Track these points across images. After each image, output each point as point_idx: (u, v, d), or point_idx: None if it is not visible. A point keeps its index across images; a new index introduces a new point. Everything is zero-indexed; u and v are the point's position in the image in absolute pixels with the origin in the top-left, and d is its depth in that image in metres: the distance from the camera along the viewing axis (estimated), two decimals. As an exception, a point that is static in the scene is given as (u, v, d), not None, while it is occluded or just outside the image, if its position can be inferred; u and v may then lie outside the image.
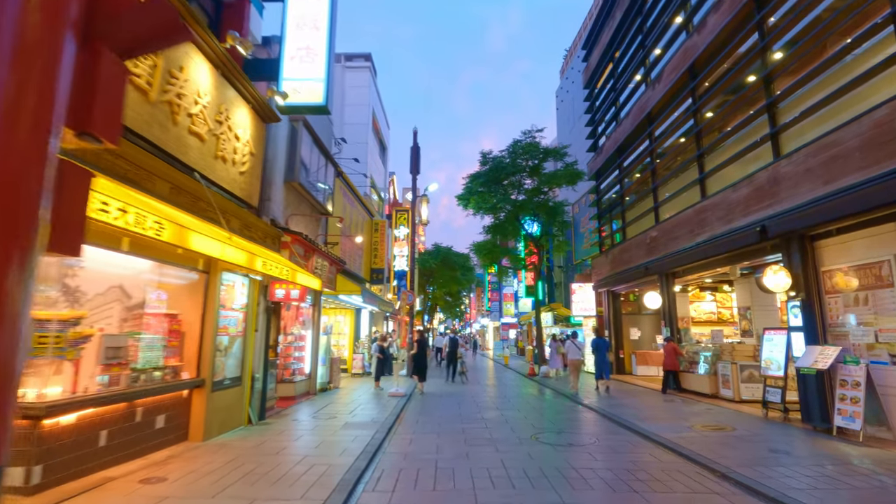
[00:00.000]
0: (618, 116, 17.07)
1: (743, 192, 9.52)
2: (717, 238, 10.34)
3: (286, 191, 9.91)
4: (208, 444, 6.59)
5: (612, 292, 18.17)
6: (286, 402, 10.39)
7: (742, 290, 13.60)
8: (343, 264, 12.51)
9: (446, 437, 7.44)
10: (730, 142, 10.62)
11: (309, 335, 12.11)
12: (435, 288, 36.58)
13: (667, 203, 13.34)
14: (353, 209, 16.45)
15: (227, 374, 7.39)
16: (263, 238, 8.00)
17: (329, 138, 13.19)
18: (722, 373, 10.89)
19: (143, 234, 3.61)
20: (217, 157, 6.45)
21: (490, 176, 18.44)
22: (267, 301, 8.75)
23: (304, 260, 9.90)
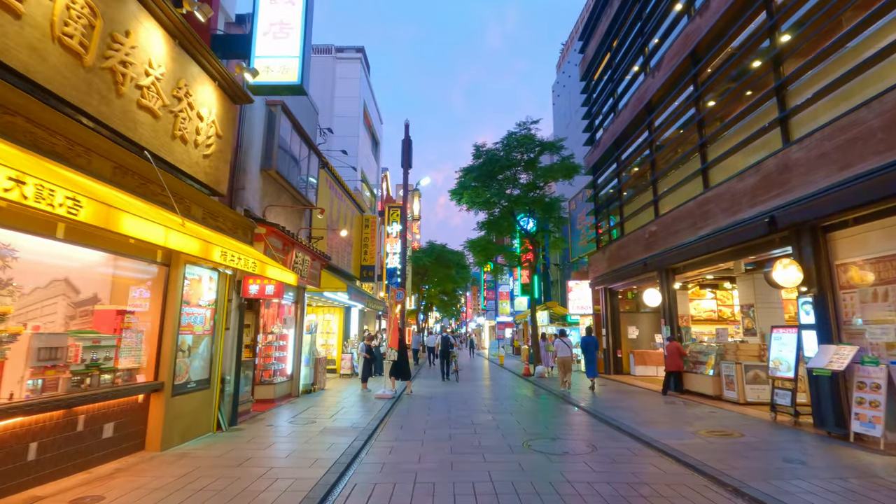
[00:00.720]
0: (616, 108, 16.50)
1: (749, 182, 8.95)
2: (720, 231, 9.77)
3: (263, 180, 9.29)
4: (167, 454, 5.97)
5: (610, 290, 17.61)
6: (265, 405, 9.77)
7: (745, 286, 13.05)
8: (328, 260, 11.89)
9: (431, 444, 6.84)
10: (734, 129, 10.05)
11: (291, 334, 11.49)
12: (430, 286, 35.99)
13: (667, 196, 12.77)
14: (342, 203, 15.82)
15: (191, 376, 6.77)
16: (234, 229, 7.38)
17: (313, 128, 12.57)
18: (726, 373, 10.33)
19: (49, 212, 2.99)
20: (175, 136, 5.82)
21: (484, 170, 17.83)
22: (240, 297, 8.13)
23: (282, 254, 9.28)
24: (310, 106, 12.29)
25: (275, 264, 7.19)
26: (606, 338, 17.48)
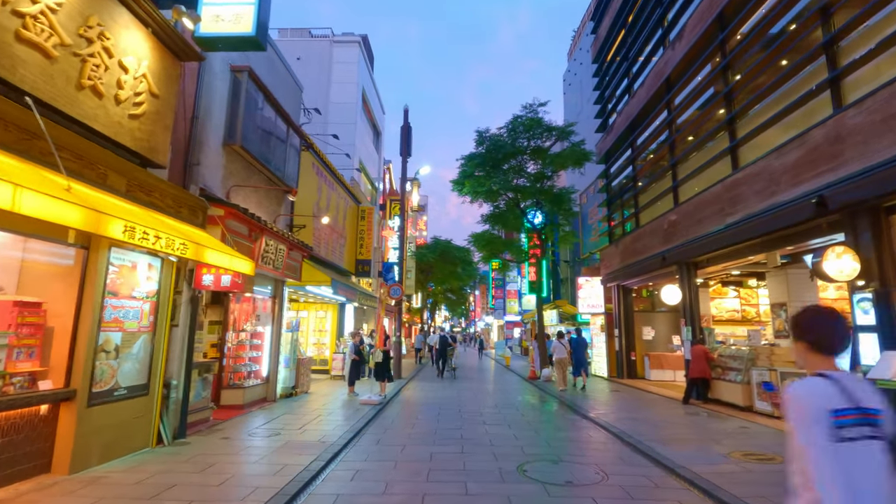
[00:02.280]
0: (630, 88, 15.14)
1: (791, 157, 7.61)
2: (754, 217, 8.44)
3: (227, 157, 8.17)
4: (75, 478, 4.86)
5: (623, 287, 16.27)
6: (231, 411, 8.67)
7: (776, 283, 11.66)
8: (309, 250, 10.76)
9: (406, 467, 5.66)
10: (770, 99, 8.70)
11: (268, 332, 10.38)
12: (435, 284, 34.81)
13: (689, 181, 11.42)
14: (332, 191, 14.69)
15: (120, 381, 5.66)
16: (176, 207, 6.25)
17: (296, 106, 11.45)
18: (758, 381, 9.00)
19: None
20: (83, 86, 4.70)
21: (487, 157, 16.54)
22: (192, 289, 7.02)
23: (248, 241, 8.15)
24: (291, 81, 11.17)
25: (222, 249, 6.04)
26: (619, 339, 16.15)
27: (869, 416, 1.59)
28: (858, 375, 1.44)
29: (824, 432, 1.55)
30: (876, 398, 1.64)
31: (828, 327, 1.73)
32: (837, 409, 1.57)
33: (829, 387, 1.62)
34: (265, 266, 8.71)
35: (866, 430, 1.57)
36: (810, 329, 1.75)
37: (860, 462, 1.54)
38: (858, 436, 1.56)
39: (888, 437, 1.58)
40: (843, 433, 1.55)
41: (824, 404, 1.59)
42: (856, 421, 1.57)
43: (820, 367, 1.73)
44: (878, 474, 1.53)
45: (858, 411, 1.59)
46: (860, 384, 1.66)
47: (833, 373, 1.68)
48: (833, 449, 1.53)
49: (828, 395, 1.61)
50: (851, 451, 1.54)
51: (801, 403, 1.62)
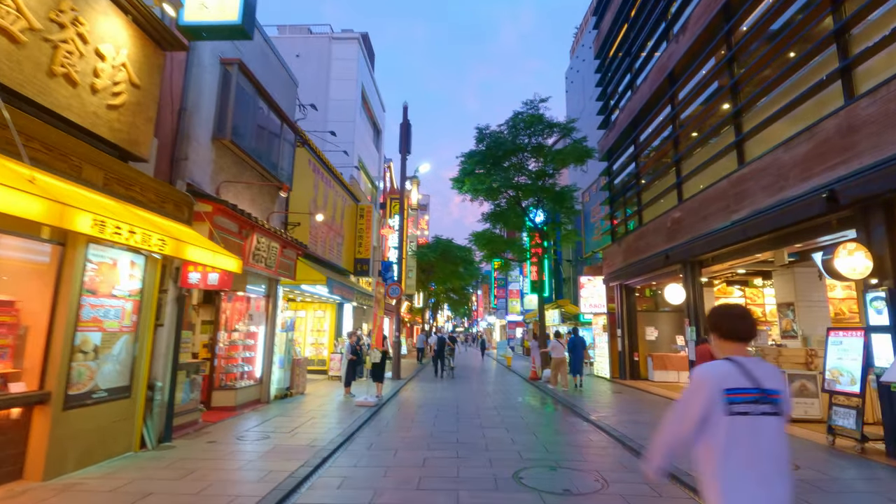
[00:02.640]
0: (633, 84, 14.85)
1: (801, 150, 7.32)
2: (760, 213, 8.15)
3: (217, 151, 7.95)
4: (49, 485, 4.63)
5: (626, 286, 15.99)
6: (222, 413, 8.45)
7: (783, 282, 11.36)
8: (303, 248, 10.53)
9: (397, 473, 5.41)
10: (777, 91, 8.41)
11: (262, 332, 10.16)
12: (435, 284, 34.56)
13: (693, 177, 11.14)
14: (330, 189, 14.47)
15: (99, 383, 5.44)
16: (159, 203, 6.02)
17: (291, 101, 11.22)
18: (764, 383, 8.70)
19: None
20: (54, 73, 4.47)
21: (488, 154, 16.29)
22: (179, 287, 6.79)
23: (238, 238, 7.93)
24: (286, 76, 10.94)
25: (206, 246, 5.81)
26: (622, 339, 15.87)
27: (768, 395, 1.83)
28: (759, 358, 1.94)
29: (720, 406, 1.82)
30: (777, 381, 1.88)
31: (735, 320, 1.99)
32: (731, 388, 1.83)
33: (731, 369, 1.87)
34: (257, 264, 8.49)
35: (763, 408, 1.82)
36: (721, 322, 2.02)
37: (753, 432, 1.79)
38: (752, 411, 1.80)
39: (784, 413, 1.85)
40: (734, 408, 1.80)
41: (721, 384, 1.84)
42: (749, 399, 1.81)
43: (730, 353, 1.97)
44: (770, 444, 1.79)
45: (757, 391, 1.83)
46: (764, 368, 1.89)
47: (740, 358, 1.91)
48: (728, 420, 1.80)
49: (725, 376, 1.86)
50: (744, 423, 1.79)
51: (705, 380, 1.88)
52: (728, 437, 1.82)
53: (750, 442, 1.80)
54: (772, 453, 1.81)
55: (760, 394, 1.85)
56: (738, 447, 1.80)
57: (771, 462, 1.81)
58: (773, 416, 1.84)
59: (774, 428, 1.83)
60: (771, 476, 1.80)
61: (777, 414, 1.85)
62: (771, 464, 1.80)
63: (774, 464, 1.81)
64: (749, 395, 1.84)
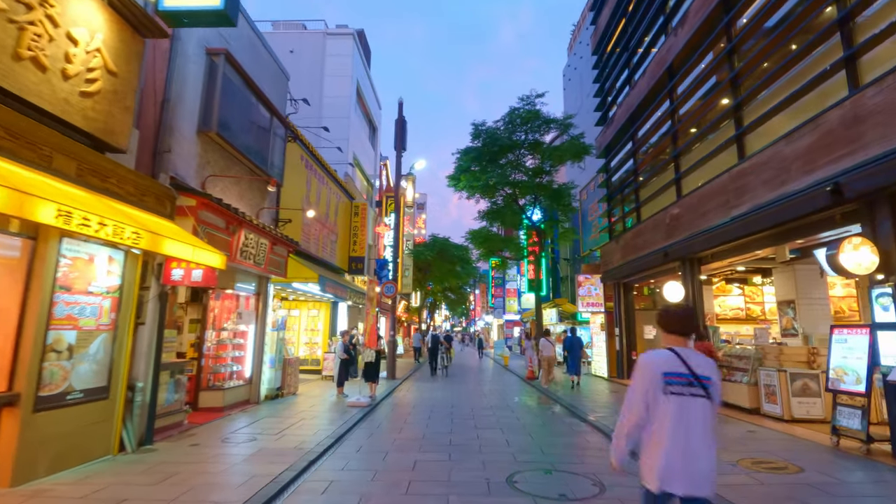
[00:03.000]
0: (631, 79, 14.65)
1: (803, 143, 7.11)
2: (761, 208, 7.95)
3: (203, 145, 7.71)
4: (17, 491, 4.40)
5: (624, 284, 15.79)
6: (210, 414, 8.21)
7: (784, 279, 11.17)
8: (295, 245, 10.30)
9: (385, 478, 5.18)
10: (779, 83, 8.20)
11: (251, 331, 9.92)
12: (433, 283, 34.33)
13: (691, 173, 10.93)
14: (323, 186, 14.23)
15: (74, 384, 5.20)
16: (139, 196, 5.79)
17: (282, 95, 10.98)
18: (766, 382, 8.51)
19: None
20: (20, 57, 4.23)
21: (484, 151, 16.06)
22: (161, 284, 6.55)
23: (225, 234, 7.69)
24: (276, 69, 10.70)
25: (187, 240, 5.58)
26: (620, 338, 15.67)
27: (700, 380, 2.22)
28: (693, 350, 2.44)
29: (659, 387, 2.21)
30: (709, 370, 2.26)
31: (677, 318, 2.37)
32: (668, 372, 2.22)
33: (670, 357, 2.26)
34: (244, 261, 8.25)
35: (694, 390, 2.20)
36: (666, 320, 2.41)
37: (684, 409, 2.18)
38: (685, 392, 2.19)
39: (713, 397, 2.23)
40: (670, 389, 2.20)
41: (660, 369, 2.23)
42: (683, 382, 2.20)
43: (672, 344, 2.35)
44: (698, 421, 2.18)
45: (690, 376, 2.21)
46: (699, 359, 2.28)
47: (679, 348, 2.31)
48: (663, 399, 2.20)
49: (665, 362, 2.25)
50: (677, 401, 2.19)
51: (647, 366, 2.27)
52: (663, 413, 2.23)
53: (681, 418, 2.21)
54: (699, 429, 2.21)
55: (693, 378, 2.25)
56: (670, 422, 2.21)
57: (698, 436, 2.21)
58: (703, 398, 2.25)
59: (702, 408, 2.24)
60: (697, 447, 2.20)
61: (706, 397, 2.25)
62: (698, 438, 2.20)
63: (701, 438, 2.21)
64: (683, 378, 2.25)
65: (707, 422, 2.22)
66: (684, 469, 2.17)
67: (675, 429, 2.19)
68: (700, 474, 2.18)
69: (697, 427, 2.20)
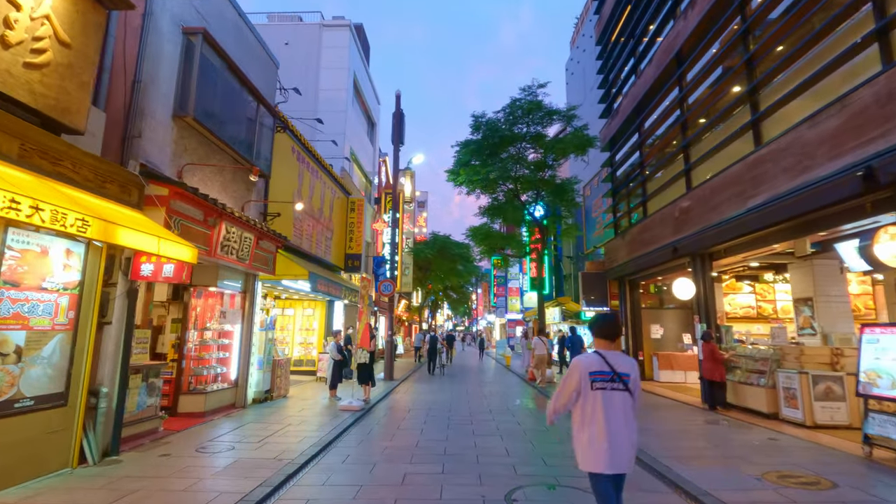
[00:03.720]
0: (637, 68, 14.07)
1: (830, 125, 6.54)
2: (781, 198, 7.37)
3: (180, 131, 7.17)
4: (-53, 513, 3.88)
5: (630, 282, 15.21)
6: (190, 420, 7.69)
7: (801, 275, 10.57)
8: (283, 240, 9.77)
9: (370, 493, 4.64)
10: (799, 63, 7.63)
11: (237, 330, 9.40)
12: (433, 282, 33.79)
13: (703, 163, 10.36)
14: (317, 180, 13.69)
15: (24, 390, 4.67)
16: (99, 181, 5.26)
17: (271, 84, 10.45)
18: (785, 385, 7.94)
19: None
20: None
21: (484, 144, 15.50)
22: (129, 280, 6.03)
23: (204, 227, 7.15)
24: (265, 56, 10.16)
25: (149, 230, 5.05)
26: (626, 337, 15.09)
27: (621, 377, 2.83)
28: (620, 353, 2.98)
29: (587, 383, 2.84)
30: (628, 368, 2.87)
31: (603, 324, 2.98)
32: (594, 371, 2.85)
33: (596, 359, 2.89)
34: (226, 256, 7.72)
35: (615, 385, 2.82)
36: (595, 326, 3.01)
37: (607, 401, 2.79)
38: (607, 387, 2.81)
39: (631, 391, 2.84)
40: (596, 385, 2.82)
41: (588, 369, 2.86)
42: (606, 379, 2.82)
43: (601, 347, 2.97)
44: (618, 410, 2.77)
45: (612, 373, 2.83)
46: (620, 359, 2.91)
47: (604, 351, 2.93)
48: (590, 393, 2.82)
49: (592, 363, 2.87)
50: (602, 394, 2.80)
51: (578, 367, 2.89)
52: (591, 404, 2.79)
53: (604, 407, 2.75)
54: (620, 416, 2.75)
55: (614, 375, 2.80)
56: (596, 411, 2.76)
57: (619, 422, 2.73)
58: (622, 391, 2.79)
59: (622, 398, 2.78)
60: (618, 431, 2.72)
61: (625, 390, 2.80)
62: (619, 423, 2.73)
63: (622, 423, 2.74)
64: (606, 376, 2.80)
65: (627, 409, 2.78)
66: (609, 450, 2.70)
67: (600, 418, 2.75)
68: (622, 453, 2.72)
69: (619, 414, 2.75)
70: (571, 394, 2.88)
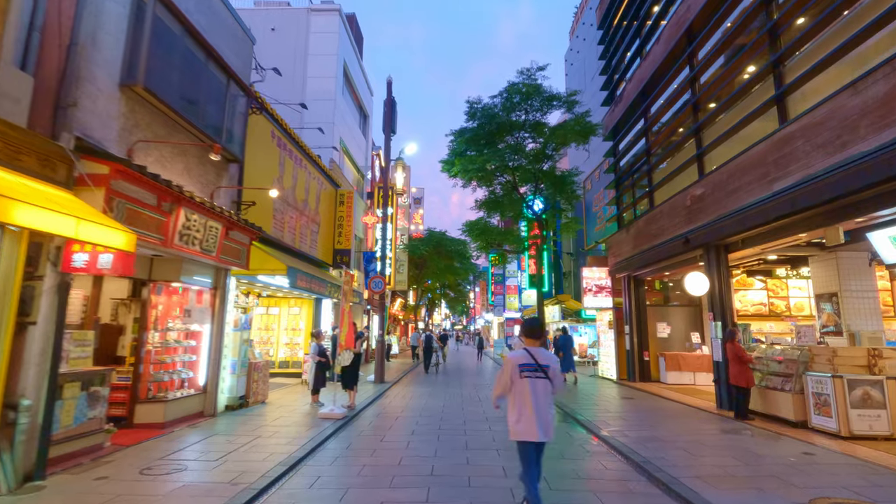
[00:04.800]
0: (643, 50, 13.19)
1: (877, 91, 5.67)
2: (816, 179, 6.50)
3: (129, 103, 6.27)
4: None
5: (635, 278, 14.35)
6: (146, 432, 6.80)
7: (824, 269, 9.74)
8: (258, 232, 8.87)
9: (334, 533, 3.77)
10: (836, 26, 6.75)
11: (207, 331, 8.51)
12: (430, 280, 32.88)
13: (717, 146, 9.49)
14: (300, 168, 12.79)
15: None
16: (12, 153, 4.37)
17: (246, 60, 9.54)
18: (815, 390, 7.09)
19: None
20: None
21: (480, 132, 14.59)
22: (60, 273, 5.13)
23: (158, 212, 6.25)
24: (238, 29, 9.24)
25: (64, 209, 4.15)
26: (630, 336, 14.25)
27: (542, 368, 3.59)
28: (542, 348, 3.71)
29: (517, 374, 3.60)
30: (548, 360, 3.67)
31: (531, 327, 3.83)
32: (522, 363, 3.60)
33: (524, 354, 3.64)
34: (187, 247, 6.82)
35: (538, 374, 3.59)
36: (525, 328, 3.87)
37: (532, 386, 3.55)
38: (532, 375, 3.57)
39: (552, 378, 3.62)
40: (524, 374, 3.58)
41: (517, 363, 3.62)
42: (531, 369, 3.59)
43: (528, 345, 3.75)
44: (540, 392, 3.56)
45: (536, 365, 3.60)
46: (542, 354, 3.68)
47: (531, 348, 3.71)
48: (519, 381, 3.58)
49: (521, 358, 3.62)
50: (528, 381, 3.56)
51: (510, 361, 3.66)
52: (520, 389, 3.62)
53: (531, 392, 3.59)
54: (542, 398, 3.60)
55: (537, 366, 3.64)
56: (524, 395, 3.60)
57: (542, 403, 3.58)
58: (544, 378, 3.64)
59: (544, 384, 3.63)
60: (541, 409, 3.56)
61: (546, 378, 3.64)
62: (542, 403, 3.58)
63: (543, 404, 3.59)
64: (531, 367, 3.64)
65: (547, 393, 3.64)
66: (534, 423, 3.52)
67: (526, 400, 3.58)
68: (544, 426, 3.54)
69: (541, 397, 3.60)
70: (507, 382, 3.69)
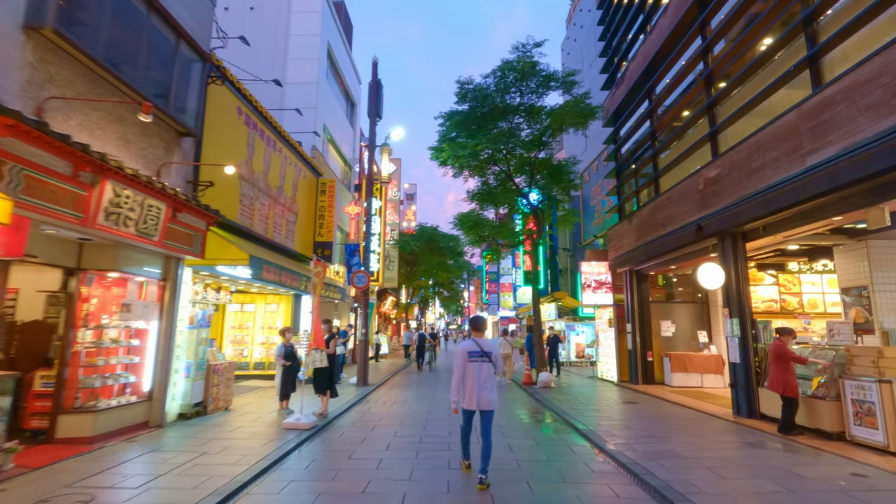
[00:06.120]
0: (647, 25, 12.19)
1: (950, 32, 4.65)
2: (864, 146, 5.48)
3: (39, 52, 5.15)
4: None
5: (637, 273, 13.34)
6: (68, 449, 5.70)
7: (851, 260, 8.76)
8: (214, 215, 7.76)
9: None
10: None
11: (154, 329, 7.40)
12: (423, 277, 31.82)
13: (737, 120, 8.48)
14: (274, 151, 11.68)
15: None
16: None
17: (205, 23, 8.41)
18: (855, 397, 6.08)
19: None
20: None
21: (471, 116, 13.54)
22: (-73, 254, 4.01)
23: (74, 185, 5.15)
24: None
25: None
26: (632, 335, 13.24)
27: (486, 354, 4.90)
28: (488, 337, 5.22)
29: (465, 359, 4.90)
30: (491, 347, 4.99)
31: (477, 323, 5.27)
32: (471, 351, 4.91)
33: (472, 343, 4.97)
34: (114, 228, 5.71)
35: (483, 359, 4.89)
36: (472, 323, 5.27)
37: (478, 369, 4.86)
38: (478, 360, 4.88)
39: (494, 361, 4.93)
40: (472, 360, 4.89)
41: (468, 350, 4.92)
42: (477, 355, 4.89)
43: (475, 336, 5.11)
44: (485, 373, 4.88)
45: (481, 352, 4.89)
46: (487, 343, 5.00)
47: (477, 338, 5.06)
48: (468, 364, 4.90)
49: (469, 346, 4.95)
50: (475, 365, 4.88)
51: (462, 351, 4.94)
52: (467, 371, 4.86)
53: (475, 373, 4.83)
54: (487, 378, 4.85)
55: (483, 353, 4.87)
56: (470, 376, 4.84)
57: (486, 381, 4.83)
58: (488, 362, 4.88)
59: (488, 367, 4.87)
60: (483, 387, 4.80)
61: (490, 361, 4.89)
62: (486, 382, 4.83)
63: (486, 382, 4.84)
64: (477, 353, 4.87)
65: (490, 374, 4.87)
66: (479, 397, 4.78)
67: (472, 380, 4.83)
68: (488, 399, 4.80)
69: (486, 377, 4.85)
70: (461, 370, 4.91)
